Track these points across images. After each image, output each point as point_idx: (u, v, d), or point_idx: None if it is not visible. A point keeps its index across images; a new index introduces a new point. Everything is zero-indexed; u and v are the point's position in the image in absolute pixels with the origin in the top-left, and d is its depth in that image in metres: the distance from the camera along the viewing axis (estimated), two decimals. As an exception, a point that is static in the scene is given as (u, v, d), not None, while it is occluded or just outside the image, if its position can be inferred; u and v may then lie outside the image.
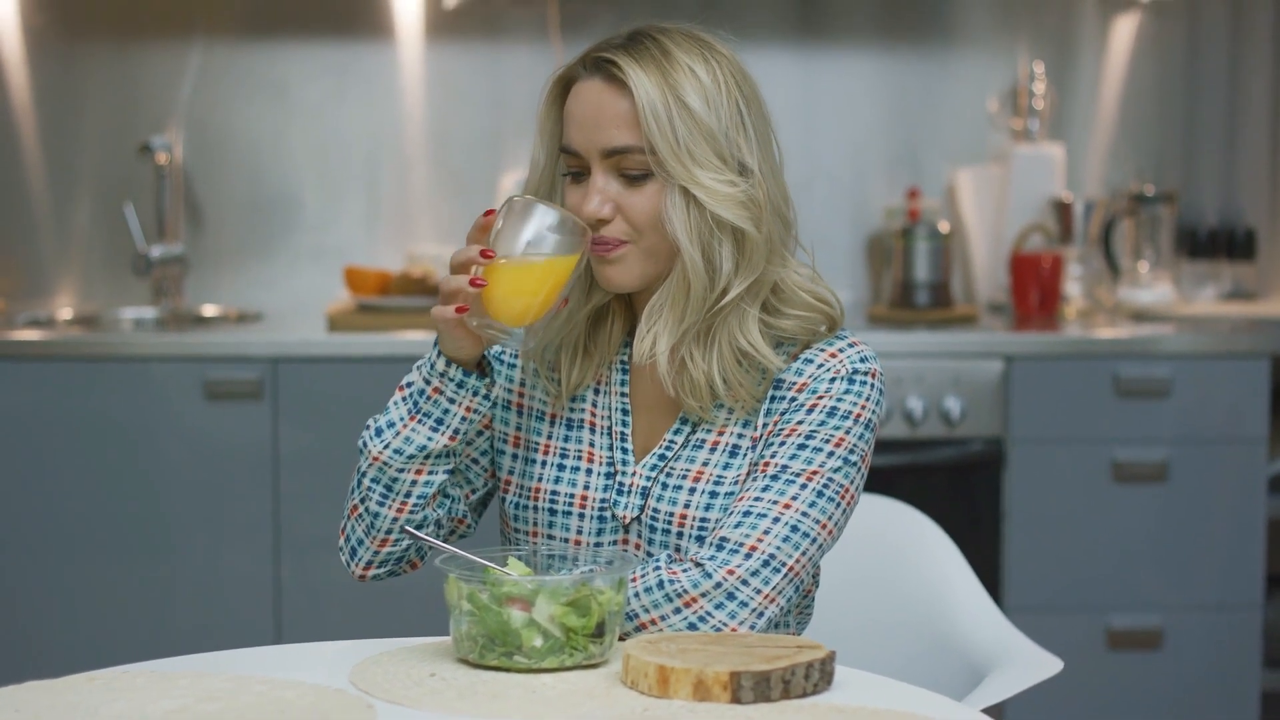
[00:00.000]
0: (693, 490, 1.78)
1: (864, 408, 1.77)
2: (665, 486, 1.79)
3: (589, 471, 1.83)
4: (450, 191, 3.91)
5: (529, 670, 1.57)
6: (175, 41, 3.84)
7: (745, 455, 1.78)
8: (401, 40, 3.88)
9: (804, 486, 1.72)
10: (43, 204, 3.85)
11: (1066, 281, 3.74)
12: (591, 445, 1.84)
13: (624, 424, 1.83)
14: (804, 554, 1.72)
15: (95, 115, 3.84)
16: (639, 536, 1.80)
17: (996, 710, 1.92)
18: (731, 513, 1.73)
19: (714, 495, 1.77)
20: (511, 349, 1.86)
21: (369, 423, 1.78)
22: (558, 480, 1.83)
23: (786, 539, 1.70)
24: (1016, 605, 3.33)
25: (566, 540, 1.82)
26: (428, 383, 1.74)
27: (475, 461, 1.87)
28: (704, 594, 1.68)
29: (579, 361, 1.85)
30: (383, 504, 1.78)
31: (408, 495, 1.77)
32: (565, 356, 1.85)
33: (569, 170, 1.78)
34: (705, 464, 1.79)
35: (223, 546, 3.32)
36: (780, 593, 1.70)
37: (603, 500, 1.82)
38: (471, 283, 1.66)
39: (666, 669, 1.50)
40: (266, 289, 3.88)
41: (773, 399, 1.79)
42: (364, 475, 1.78)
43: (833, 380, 1.77)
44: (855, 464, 1.76)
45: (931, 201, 3.87)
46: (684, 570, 1.70)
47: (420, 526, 1.80)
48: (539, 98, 1.82)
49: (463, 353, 1.72)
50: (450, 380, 1.73)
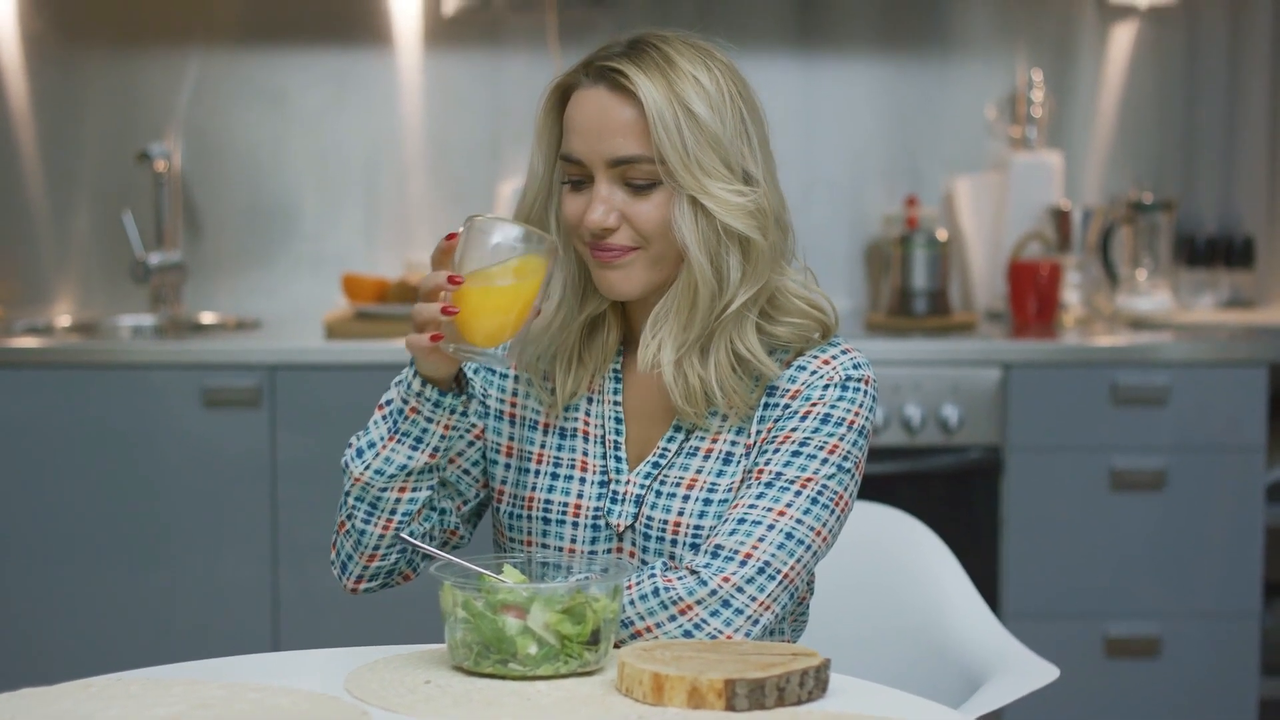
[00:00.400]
0: (686, 498, 1.78)
1: (857, 414, 1.77)
2: (659, 494, 1.79)
3: (583, 480, 1.83)
4: (449, 199, 3.91)
5: (524, 678, 1.57)
6: (174, 49, 3.85)
7: (739, 462, 1.78)
8: (400, 48, 3.88)
9: (798, 494, 1.72)
10: (42, 211, 3.85)
11: (1065, 289, 3.74)
12: (585, 454, 1.83)
13: (617, 433, 1.83)
14: (799, 561, 1.72)
15: (94, 122, 3.85)
16: (633, 545, 1.80)
17: (994, 718, 1.92)
18: (726, 520, 1.73)
19: (708, 503, 1.77)
20: (491, 368, 1.85)
21: (351, 441, 1.77)
22: (551, 489, 1.83)
23: (781, 546, 1.70)
24: (1015, 613, 3.33)
25: (560, 549, 1.82)
26: (405, 402, 1.73)
27: (466, 473, 1.87)
28: (699, 601, 1.68)
29: (573, 371, 1.84)
30: (368, 522, 1.78)
31: (392, 513, 1.77)
32: (559, 366, 1.84)
33: (569, 178, 1.78)
34: (699, 471, 1.79)
35: (221, 554, 3.32)
36: (775, 600, 1.70)
37: (596, 509, 1.81)
38: (443, 311, 1.64)
39: (661, 676, 1.50)
40: (265, 296, 3.88)
41: (766, 406, 1.79)
42: (348, 494, 1.78)
43: (826, 387, 1.77)
44: (849, 471, 1.76)
45: (930, 209, 3.87)
46: (679, 578, 1.70)
47: (402, 553, 1.80)
48: (537, 105, 1.81)
49: (438, 372, 1.71)
50: (427, 400, 1.72)
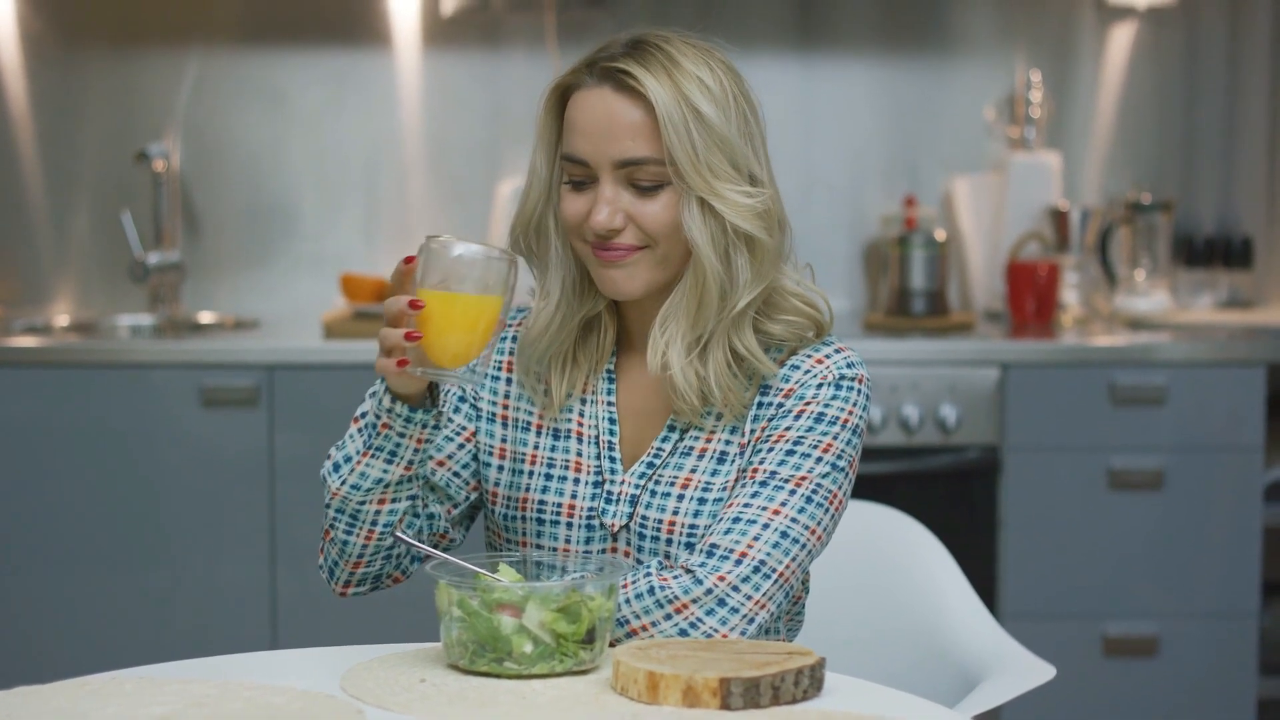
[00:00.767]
0: (681, 497, 1.78)
1: (851, 413, 1.77)
2: (654, 494, 1.79)
3: (576, 481, 1.82)
4: (448, 199, 3.91)
5: (519, 676, 1.57)
6: (173, 49, 3.85)
7: (733, 461, 1.78)
8: (399, 48, 3.88)
9: (793, 492, 1.72)
10: (40, 211, 3.85)
11: (1063, 289, 3.74)
12: (579, 455, 1.83)
13: (611, 433, 1.83)
14: (794, 560, 1.72)
15: (93, 123, 3.85)
16: (628, 544, 1.80)
17: (992, 718, 1.93)
18: (721, 519, 1.73)
19: (702, 502, 1.77)
20: (461, 386, 1.84)
21: (330, 452, 1.77)
22: (545, 490, 1.83)
23: (776, 545, 1.71)
24: (1013, 613, 3.33)
25: (555, 550, 1.82)
26: (377, 418, 1.72)
27: (457, 475, 1.86)
28: (695, 600, 1.68)
29: (568, 372, 1.84)
30: (350, 533, 1.78)
31: (373, 524, 1.77)
32: (555, 368, 1.84)
33: (570, 179, 1.77)
34: (693, 471, 1.79)
35: (218, 553, 3.32)
36: (770, 599, 1.70)
37: (590, 509, 1.81)
38: (407, 337, 1.62)
39: (656, 675, 1.50)
40: (263, 296, 3.88)
41: (760, 405, 1.79)
42: (328, 506, 1.78)
43: (820, 386, 1.77)
44: (843, 469, 1.76)
45: (928, 210, 3.87)
46: (675, 577, 1.70)
47: (392, 549, 1.80)
48: (538, 105, 1.80)
49: (408, 389, 1.70)
50: (398, 417, 1.71)
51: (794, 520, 1.72)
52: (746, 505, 1.72)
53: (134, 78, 3.85)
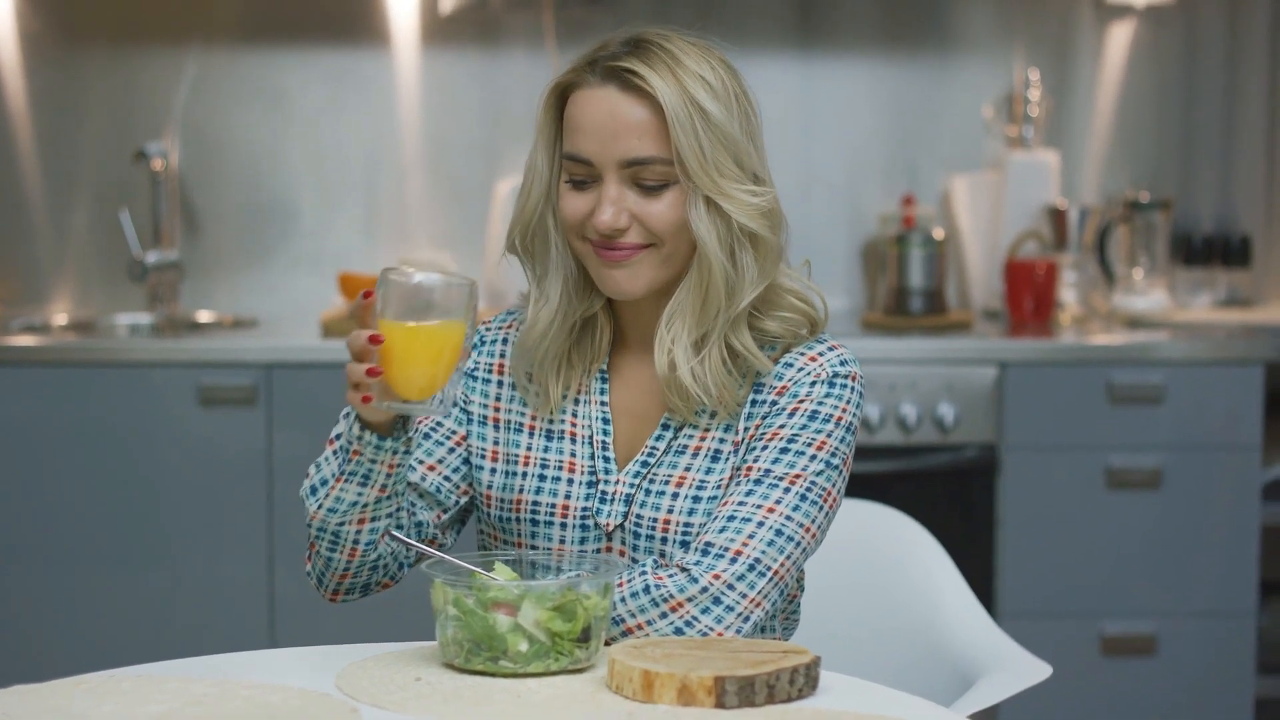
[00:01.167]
0: (675, 495, 1.78)
1: (845, 411, 1.77)
2: (648, 493, 1.79)
3: (570, 481, 1.82)
4: (446, 198, 3.91)
5: (514, 675, 1.57)
6: (172, 48, 3.85)
7: (727, 460, 1.78)
8: (398, 47, 3.88)
9: (787, 490, 1.73)
10: (39, 210, 3.85)
11: (1061, 288, 3.74)
12: (573, 455, 1.83)
13: (605, 433, 1.83)
14: (788, 558, 1.72)
15: (92, 121, 3.85)
16: (623, 544, 1.80)
17: (990, 717, 1.93)
18: (716, 517, 1.73)
19: (697, 500, 1.77)
20: (430, 417, 1.79)
21: (310, 470, 1.76)
22: (539, 491, 1.82)
23: (771, 543, 1.71)
24: (1010, 612, 3.33)
25: (550, 550, 1.82)
26: (349, 444, 1.71)
27: (447, 479, 1.86)
28: (690, 599, 1.68)
29: (562, 373, 1.84)
30: (333, 550, 1.77)
31: (355, 542, 1.76)
32: (549, 369, 1.83)
33: (572, 178, 1.77)
34: (688, 469, 1.79)
35: (217, 552, 3.33)
36: (766, 597, 1.71)
37: (584, 509, 1.81)
38: (369, 373, 1.61)
39: (651, 673, 1.50)
40: (262, 295, 3.88)
41: (753, 402, 1.79)
42: (310, 526, 1.77)
43: (813, 384, 1.77)
44: (837, 467, 1.76)
45: (927, 208, 3.87)
46: (670, 575, 1.70)
47: (378, 560, 1.79)
48: (538, 104, 1.80)
49: (378, 418, 1.68)
50: (368, 445, 1.69)
51: (788, 518, 1.72)
52: (741, 503, 1.72)
53: (133, 77, 3.85)
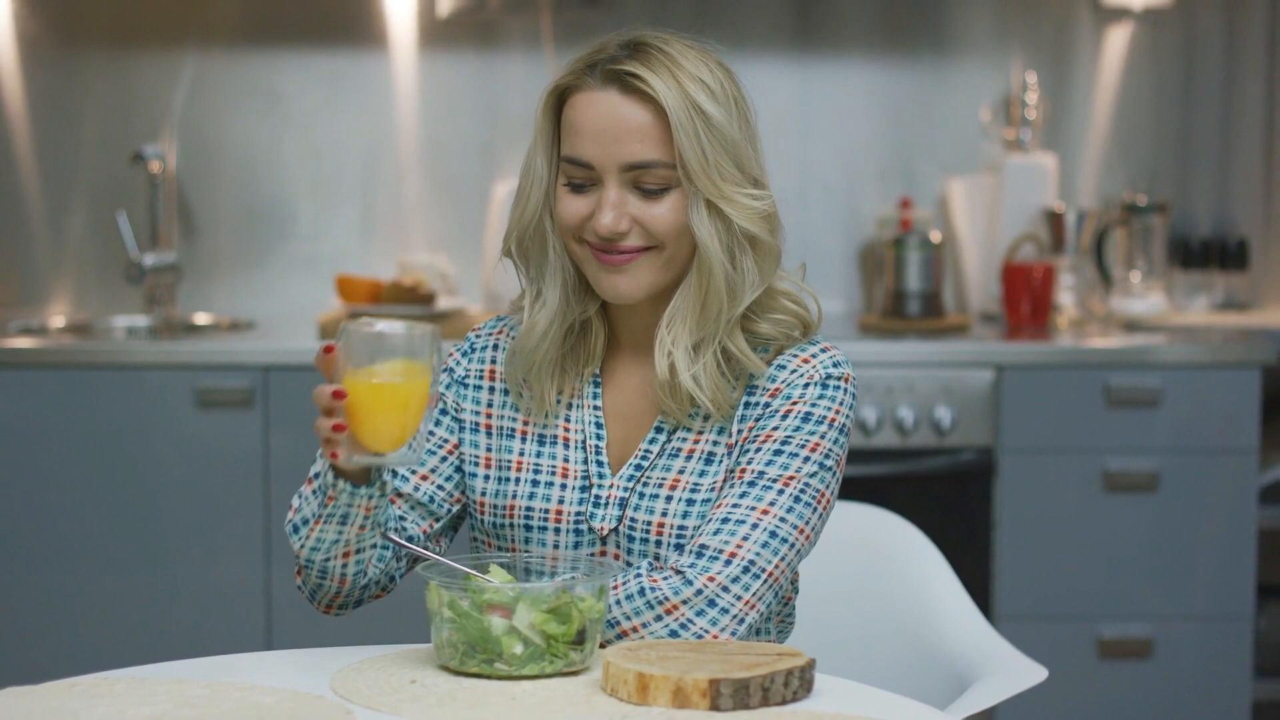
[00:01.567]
0: (669, 498, 1.77)
1: (838, 412, 1.77)
2: (642, 496, 1.78)
3: (563, 486, 1.81)
4: (443, 200, 3.91)
5: (509, 677, 1.57)
6: (169, 50, 3.85)
7: (721, 462, 1.78)
8: (395, 49, 3.88)
9: (781, 492, 1.72)
10: (36, 212, 3.85)
11: (1058, 291, 3.74)
12: (566, 461, 1.82)
13: (598, 437, 1.82)
14: (783, 559, 1.72)
15: (89, 123, 3.85)
16: (617, 547, 1.79)
17: (986, 719, 1.92)
18: (710, 520, 1.73)
19: (691, 503, 1.77)
20: (400, 467, 1.77)
21: (293, 501, 1.75)
22: (532, 496, 1.82)
23: (765, 545, 1.71)
24: (1007, 615, 3.33)
25: (544, 555, 1.81)
26: (325, 488, 1.69)
27: (440, 488, 1.85)
28: (685, 601, 1.68)
29: (555, 378, 1.83)
30: (323, 579, 1.77)
31: (343, 573, 1.76)
32: (545, 373, 1.82)
33: (570, 181, 1.76)
34: (681, 472, 1.78)
35: (214, 554, 3.32)
36: (760, 599, 1.70)
37: (578, 514, 1.81)
38: (335, 429, 1.59)
39: (646, 676, 1.50)
40: (259, 297, 3.88)
41: (746, 404, 1.79)
42: (297, 558, 1.76)
43: (806, 386, 1.77)
44: (830, 468, 1.76)
45: (924, 211, 3.87)
46: (665, 578, 1.70)
47: (369, 583, 1.79)
48: (536, 106, 1.79)
49: (352, 466, 1.66)
50: (342, 491, 1.68)
51: (782, 520, 1.72)
52: (735, 505, 1.72)
53: (130, 79, 3.85)
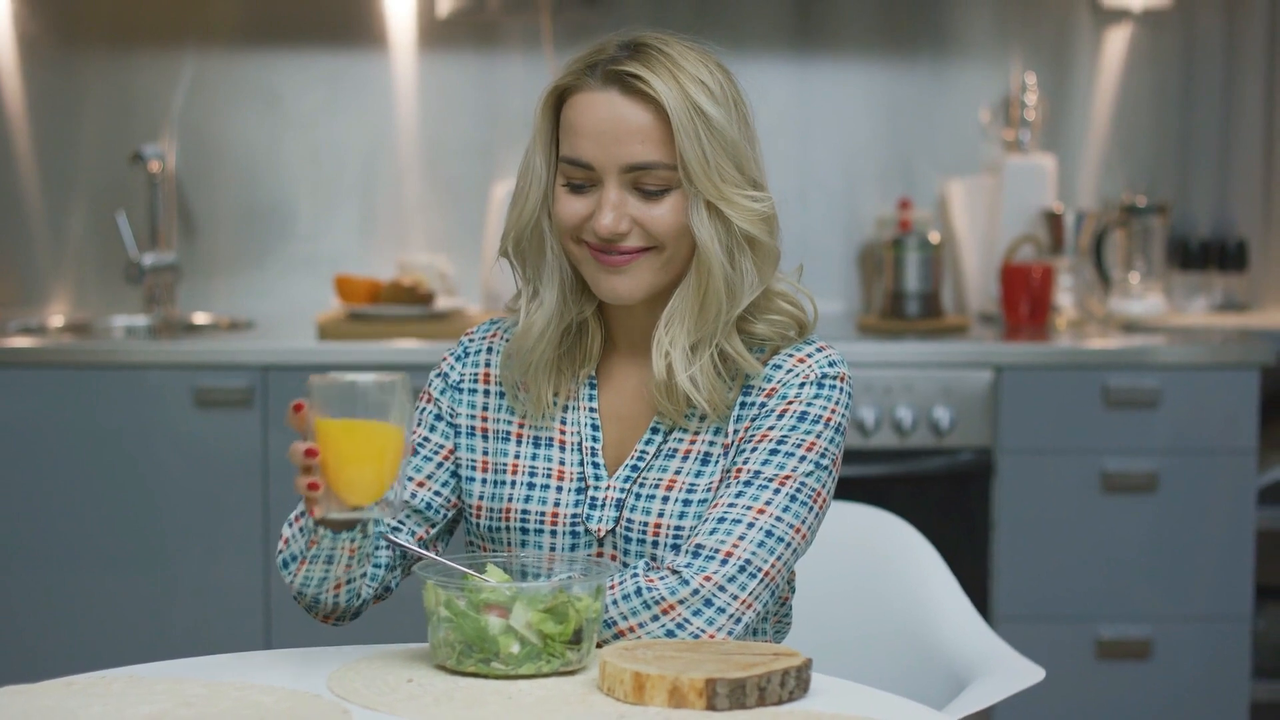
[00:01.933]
0: (666, 499, 1.77)
1: (834, 412, 1.77)
2: (639, 497, 1.78)
3: (559, 489, 1.81)
4: (443, 201, 3.92)
5: (506, 676, 1.57)
6: (169, 50, 3.85)
7: (717, 462, 1.78)
8: (395, 50, 3.88)
9: (777, 491, 1.73)
10: (36, 212, 3.86)
11: (1057, 292, 3.74)
12: (562, 463, 1.82)
13: (594, 439, 1.82)
14: (779, 559, 1.72)
15: (89, 123, 3.85)
16: (614, 548, 1.79)
17: (983, 719, 1.93)
18: (706, 520, 1.73)
19: (687, 503, 1.77)
20: (381, 519, 1.73)
21: (283, 532, 1.74)
22: (528, 499, 1.82)
23: (762, 544, 1.71)
24: (1005, 615, 3.33)
25: (541, 556, 1.81)
26: (308, 532, 1.69)
27: (438, 494, 1.85)
28: (681, 601, 1.68)
29: (552, 379, 1.83)
30: (316, 604, 1.77)
31: (336, 601, 1.76)
32: (542, 374, 1.82)
33: (569, 181, 1.76)
34: (678, 473, 1.78)
35: (213, 554, 3.33)
36: (757, 598, 1.71)
37: (574, 515, 1.80)
38: (309, 487, 1.58)
39: (642, 676, 1.50)
40: (258, 297, 3.88)
41: (742, 405, 1.79)
42: (290, 585, 1.76)
43: (802, 385, 1.77)
44: (826, 468, 1.76)
45: (923, 212, 3.87)
46: (661, 578, 1.70)
47: (363, 605, 1.79)
48: (535, 106, 1.79)
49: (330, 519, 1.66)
50: (324, 537, 1.68)
51: (779, 519, 1.72)
52: (731, 505, 1.72)
53: (129, 79, 3.85)
